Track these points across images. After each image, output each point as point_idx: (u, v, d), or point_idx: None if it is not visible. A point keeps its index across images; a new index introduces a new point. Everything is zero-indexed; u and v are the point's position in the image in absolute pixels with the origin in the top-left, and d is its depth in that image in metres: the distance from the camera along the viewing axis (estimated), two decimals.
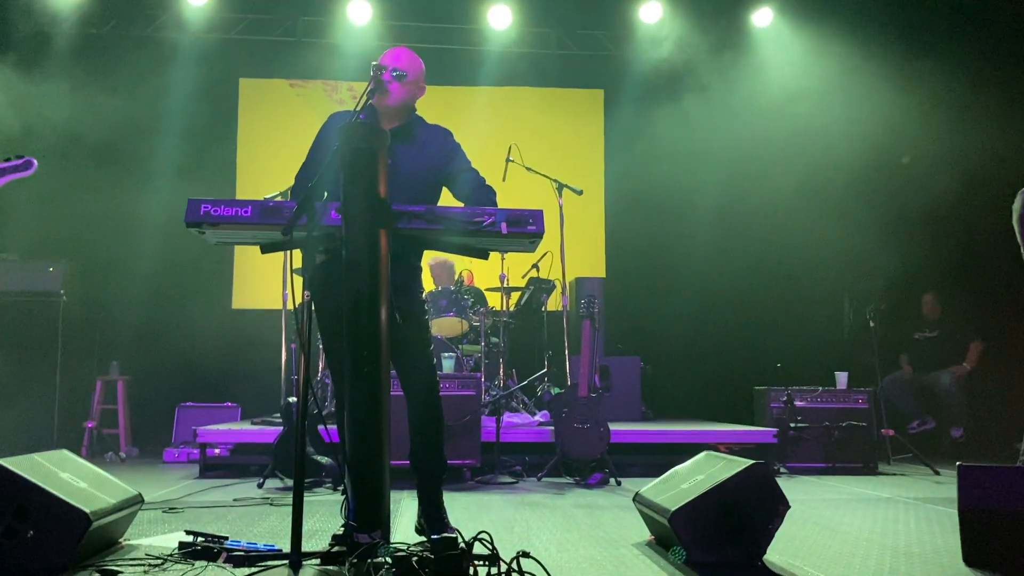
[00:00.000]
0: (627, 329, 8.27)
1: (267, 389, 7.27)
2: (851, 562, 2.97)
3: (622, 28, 8.78)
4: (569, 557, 2.99)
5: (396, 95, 3.25)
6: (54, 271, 7.01)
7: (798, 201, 7.86)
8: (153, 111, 8.08)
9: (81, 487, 2.89)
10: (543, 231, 2.85)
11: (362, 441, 2.68)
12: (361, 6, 8.26)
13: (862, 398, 6.23)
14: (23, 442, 5.26)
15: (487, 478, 5.37)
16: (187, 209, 2.76)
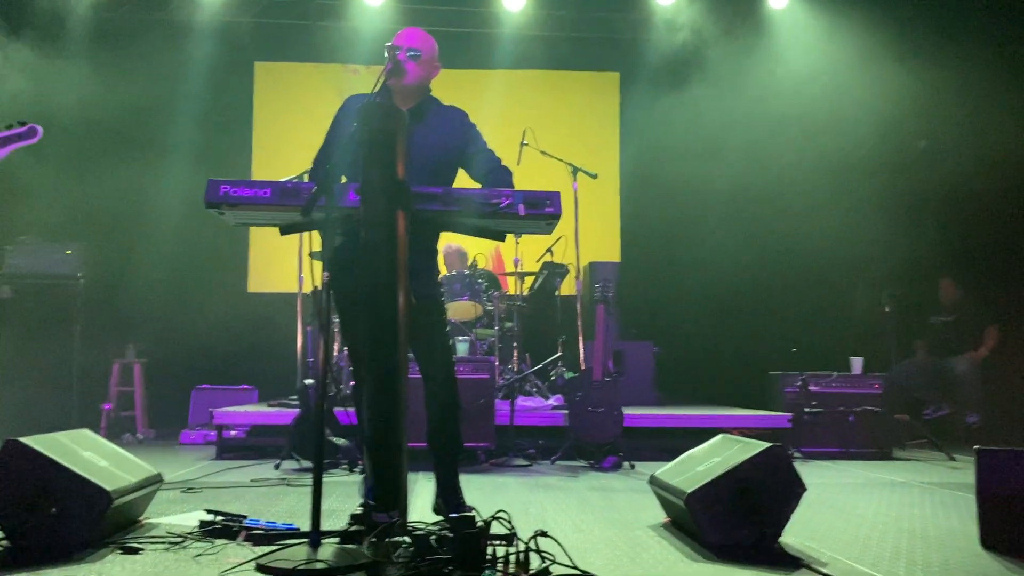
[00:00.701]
0: (641, 314, 8.26)
1: (283, 371, 7.31)
2: (867, 544, 2.97)
3: (638, 11, 8.72)
4: (585, 538, 3.00)
5: (412, 75, 3.25)
6: (71, 254, 7.05)
7: (814, 185, 7.81)
8: (169, 94, 8.11)
9: (102, 466, 2.92)
10: (560, 213, 2.86)
11: (380, 422, 2.70)
12: None
13: (877, 383, 6.21)
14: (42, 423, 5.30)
15: (501, 460, 5.40)
16: (207, 190, 2.78)
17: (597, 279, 5.96)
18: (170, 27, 8.29)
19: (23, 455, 2.67)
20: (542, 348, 7.37)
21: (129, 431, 6.99)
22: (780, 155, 8.13)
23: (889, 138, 7.65)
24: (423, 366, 3.26)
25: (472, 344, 6.62)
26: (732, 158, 8.29)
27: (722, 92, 8.24)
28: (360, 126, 2.73)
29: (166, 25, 8.31)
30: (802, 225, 8.00)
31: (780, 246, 8.22)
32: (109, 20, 8.16)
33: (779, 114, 8.16)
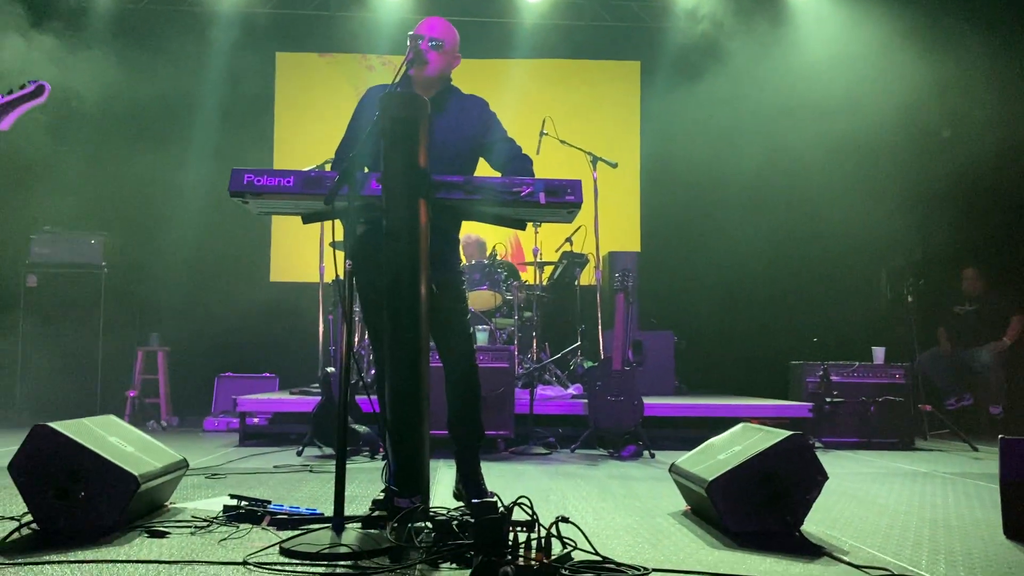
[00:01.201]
0: (661, 303, 8.24)
1: (304, 360, 7.38)
2: (889, 533, 2.96)
3: None
4: (605, 525, 3.01)
5: (434, 64, 3.25)
6: (96, 243, 7.14)
7: (836, 174, 7.75)
8: (191, 85, 8.17)
9: (129, 451, 2.96)
10: (582, 201, 2.86)
11: (402, 408, 2.72)
12: None
13: (899, 373, 6.17)
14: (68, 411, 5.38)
15: (521, 449, 5.42)
16: (231, 178, 2.80)
17: (617, 268, 5.95)
18: (192, 18, 8.35)
19: (52, 440, 2.71)
20: (561, 337, 7.38)
21: (153, 418, 7.08)
22: (802, 144, 8.05)
23: (912, 126, 7.58)
24: (444, 354, 3.28)
25: (491, 333, 6.64)
26: (753, 147, 8.24)
27: (743, 80, 8.18)
28: (382, 115, 2.75)
29: (188, 16, 8.36)
30: (824, 214, 7.95)
31: (802, 235, 8.17)
32: (132, 12, 8.23)
33: (801, 102, 8.09)
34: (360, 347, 6.41)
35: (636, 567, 2.27)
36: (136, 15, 8.24)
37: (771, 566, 2.42)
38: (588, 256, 7.02)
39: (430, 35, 3.25)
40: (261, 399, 5.99)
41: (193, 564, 2.32)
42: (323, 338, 6.60)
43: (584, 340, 6.98)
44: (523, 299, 6.91)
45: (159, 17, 8.31)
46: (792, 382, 6.53)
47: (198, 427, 6.88)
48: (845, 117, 7.66)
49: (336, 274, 2.81)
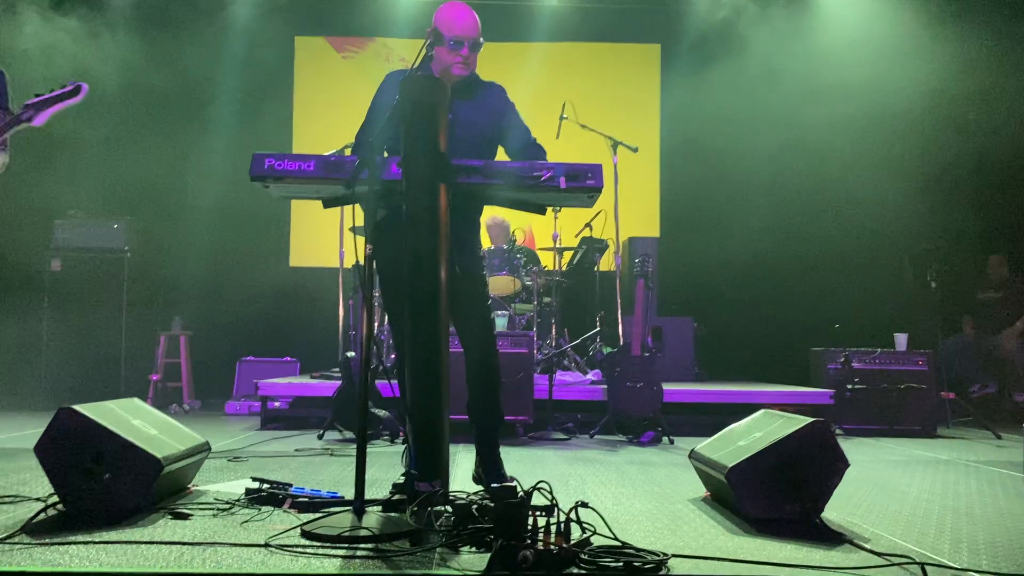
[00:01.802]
0: (681, 289, 8.20)
1: (324, 344, 7.42)
2: (911, 521, 2.94)
3: None
4: (624, 510, 3.02)
5: (473, 65, 3.26)
6: (118, 228, 7.20)
7: (859, 158, 7.67)
8: (211, 69, 8.20)
9: (152, 434, 2.99)
10: (602, 185, 2.84)
11: (422, 392, 2.73)
12: None
13: (922, 360, 6.11)
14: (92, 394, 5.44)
15: (540, 434, 5.43)
16: (252, 163, 2.81)
17: (636, 254, 5.94)
18: (212, 3, 8.35)
19: (77, 422, 2.74)
20: (580, 323, 7.38)
21: (176, 402, 7.15)
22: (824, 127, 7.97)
23: (936, 109, 7.48)
24: (464, 338, 3.29)
25: (511, 319, 6.65)
26: (775, 131, 8.15)
27: (765, 63, 8.09)
28: (402, 99, 2.74)
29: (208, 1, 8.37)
30: (846, 198, 7.88)
31: (823, 220, 8.10)
32: None
33: (823, 85, 8.00)
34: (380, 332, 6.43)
35: (655, 552, 2.27)
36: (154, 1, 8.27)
37: (791, 553, 2.41)
38: (608, 241, 6.99)
39: (470, 37, 3.20)
40: (282, 383, 6.03)
41: (216, 546, 2.35)
42: (343, 323, 6.63)
43: (603, 326, 6.97)
44: (542, 285, 6.90)
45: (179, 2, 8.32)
46: (813, 368, 6.49)
47: (220, 411, 6.94)
48: (868, 100, 7.58)
49: (356, 259, 2.82)
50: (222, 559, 2.21)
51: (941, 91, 7.33)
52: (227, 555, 2.25)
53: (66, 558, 2.19)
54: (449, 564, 2.19)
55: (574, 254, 7.36)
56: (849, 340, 6.42)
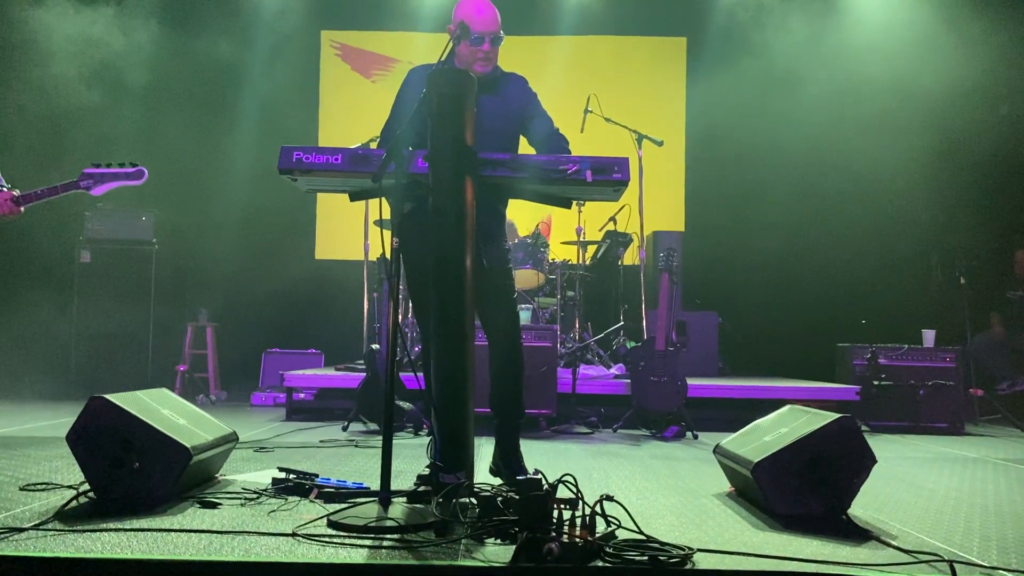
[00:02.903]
0: (706, 284, 8.16)
1: (349, 336, 7.46)
2: (939, 519, 2.92)
3: None
4: (649, 504, 3.01)
5: (495, 60, 3.27)
6: (147, 220, 7.28)
7: (886, 152, 7.59)
8: (238, 64, 8.26)
9: (181, 423, 3.03)
10: (628, 179, 2.84)
11: (447, 384, 2.74)
12: None
13: (950, 356, 6.05)
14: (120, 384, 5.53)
15: (563, 428, 5.43)
16: (280, 156, 2.83)
17: (661, 248, 5.91)
18: None
19: (108, 411, 2.78)
20: (604, 317, 7.37)
21: (203, 392, 7.23)
22: (852, 122, 7.90)
23: (968, 104, 7.37)
24: (489, 329, 3.29)
25: (534, 312, 6.65)
26: (801, 125, 8.09)
27: (791, 58, 8.03)
28: (429, 91, 2.75)
29: None
30: (873, 193, 7.80)
31: (850, 215, 8.02)
32: None
33: (850, 80, 7.93)
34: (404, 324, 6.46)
35: (680, 547, 2.26)
36: None
37: (817, 549, 2.40)
38: (632, 235, 6.97)
39: (491, 32, 3.21)
40: (307, 375, 6.08)
41: (244, 534, 2.37)
42: (367, 315, 6.66)
43: (627, 320, 6.96)
44: (566, 278, 6.89)
45: None
46: (839, 364, 6.44)
47: (246, 401, 7.01)
48: (898, 95, 7.50)
49: (382, 252, 2.83)
50: (251, 547, 2.24)
51: (971, 85, 7.23)
52: (255, 543, 2.28)
53: (97, 545, 2.22)
54: (474, 555, 2.20)
55: (598, 248, 7.35)
56: (876, 336, 6.36)
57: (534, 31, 8.55)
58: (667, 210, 8.61)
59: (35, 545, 2.21)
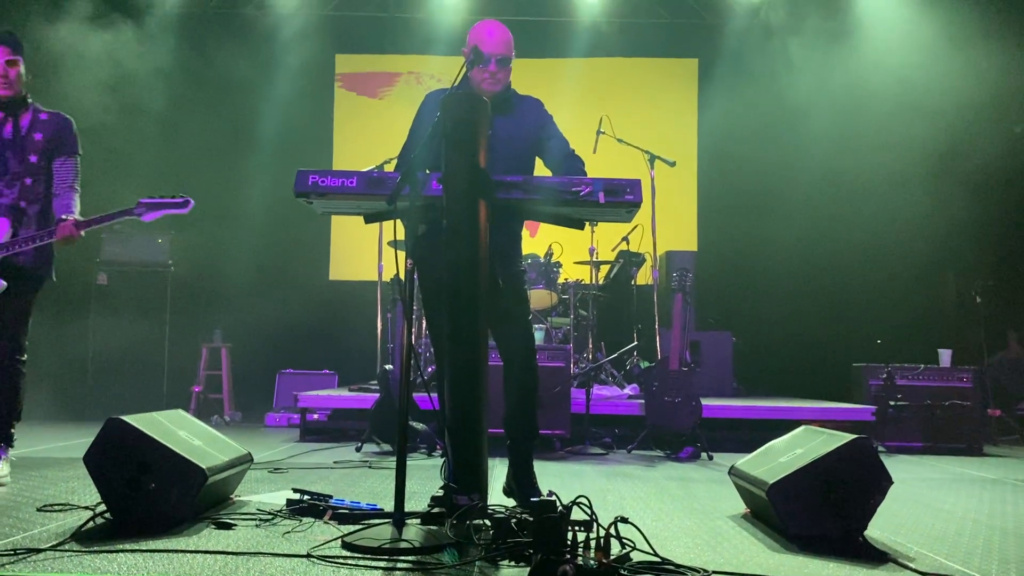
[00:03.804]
0: (719, 304, 8.15)
1: (362, 357, 7.48)
2: (957, 541, 2.89)
3: None
4: (664, 526, 3.00)
5: (503, 81, 3.30)
6: (163, 242, 7.35)
7: (899, 171, 7.58)
8: (253, 87, 8.36)
9: (196, 444, 3.05)
10: (641, 200, 2.85)
11: (461, 405, 2.75)
12: None
13: (967, 376, 6.00)
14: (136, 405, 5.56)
15: (577, 449, 5.41)
16: (296, 180, 2.86)
17: (674, 268, 5.91)
18: (254, 22, 8.53)
19: (125, 433, 2.80)
20: (617, 337, 7.35)
21: (217, 413, 7.25)
22: (864, 141, 7.90)
23: (982, 122, 7.36)
24: (504, 350, 3.30)
25: (547, 332, 6.65)
26: (812, 145, 8.10)
27: (803, 77, 8.05)
28: (443, 116, 2.78)
29: (251, 20, 8.54)
30: (887, 212, 7.77)
31: (864, 234, 8.00)
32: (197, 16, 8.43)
33: (863, 98, 7.94)
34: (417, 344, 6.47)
35: (696, 569, 2.25)
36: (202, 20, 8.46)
37: (834, 571, 2.38)
38: (645, 255, 6.98)
39: (498, 53, 3.25)
40: (321, 395, 6.09)
41: (259, 556, 2.38)
42: (381, 336, 6.68)
43: (641, 340, 6.94)
44: (579, 298, 6.90)
45: (223, 21, 8.52)
46: (854, 385, 6.40)
47: (260, 422, 7.03)
48: (910, 113, 7.48)
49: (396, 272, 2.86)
50: (265, 568, 2.25)
51: (985, 103, 7.22)
52: (270, 565, 2.28)
53: (114, 565, 2.24)
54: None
55: (611, 268, 7.35)
56: (891, 356, 6.32)
57: (547, 54, 8.61)
58: (680, 230, 8.62)
59: (52, 566, 2.23)
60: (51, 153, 3.80)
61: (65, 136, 3.84)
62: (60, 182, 3.82)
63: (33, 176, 3.75)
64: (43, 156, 3.78)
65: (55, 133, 3.81)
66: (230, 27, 8.46)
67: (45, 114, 3.84)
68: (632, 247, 7.17)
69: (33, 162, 3.74)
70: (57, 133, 3.81)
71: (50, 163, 3.81)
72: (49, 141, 3.79)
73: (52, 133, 3.80)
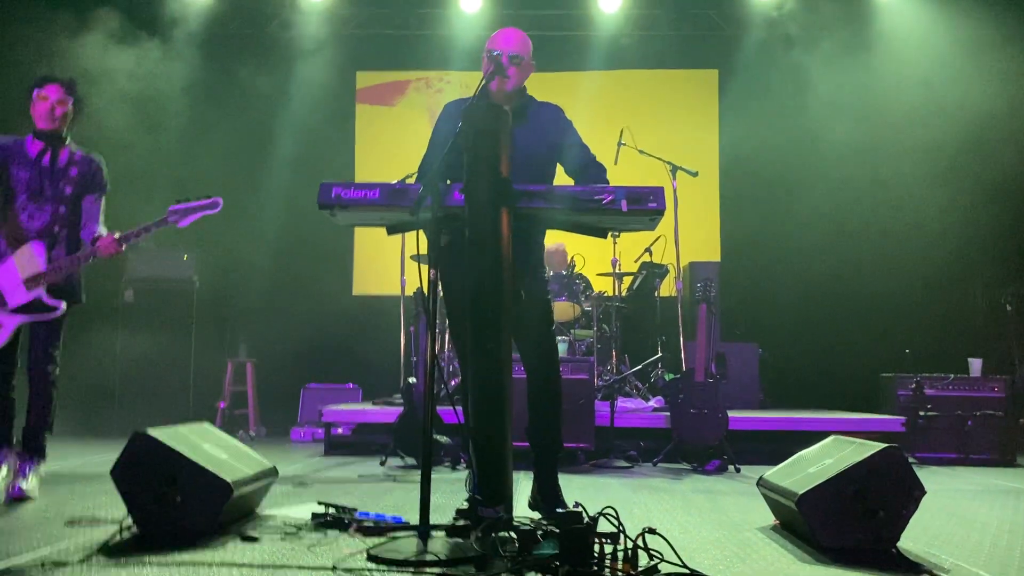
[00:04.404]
0: (744, 315, 8.07)
1: (386, 371, 7.48)
2: (992, 552, 2.83)
3: (736, 6, 8.56)
4: (692, 538, 2.96)
5: (514, 79, 3.29)
6: (188, 259, 7.42)
7: (925, 179, 7.49)
8: (275, 105, 8.43)
9: (222, 458, 3.05)
10: (664, 208, 2.83)
11: (485, 416, 2.74)
12: None
13: (998, 386, 5.90)
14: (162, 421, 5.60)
15: (602, 462, 5.38)
16: (319, 192, 2.88)
17: (697, 279, 5.86)
18: (276, 41, 8.61)
19: (151, 446, 2.81)
20: (641, 349, 7.30)
21: (242, 428, 7.28)
22: (888, 148, 7.83)
23: (1008, 127, 7.27)
24: (527, 361, 3.28)
25: (571, 345, 6.62)
26: (836, 152, 8.03)
27: (824, 86, 7.99)
28: (464, 126, 2.78)
29: (272, 39, 8.63)
30: (914, 220, 7.68)
31: (890, 242, 7.90)
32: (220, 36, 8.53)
33: (885, 106, 7.87)
34: (440, 357, 6.47)
35: None
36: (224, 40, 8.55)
37: None
38: (668, 266, 6.94)
39: (508, 50, 3.28)
40: (345, 409, 6.10)
41: (284, 568, 2.38)
42: (404, 349, 6.69)
43: (665, 351, 6.89)
44: (602, 310, 6.87)
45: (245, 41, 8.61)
46: (883, 395, 6.31)
47: (285, 437, 7.05)
48: (935, 120, 7.41)
49: (419, 285, 2.86)
50: None
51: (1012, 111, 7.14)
52: None
53: None
54: None
55: (634, 279, 7.31)
56: (920, 366, 6.23)
57: (568, 67, 8.62)
58: (703, 240, 8.57)
59: None
60: (83, 189, 4.02)
61: (97, 176, 4.07)
62: (89, 217, 4.04)
63: (66, 205, 3.95)
64: (76, 189, 3.99)
65: (88, 172, 4.03)
66: (252, 46, 8.55)
67: (80, 153, 4.07)
68: (655, 258, 7.14)
69: (67, 193, 3.96)
70: (90, 172, 4.04)
71: (80, 198, 4.02)
72: (83, 177, 4.00)
73: (85, 171, 4.02)
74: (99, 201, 4.09)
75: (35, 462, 3.81)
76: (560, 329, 6.62)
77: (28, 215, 3.88)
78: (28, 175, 3.89)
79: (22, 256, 3.82)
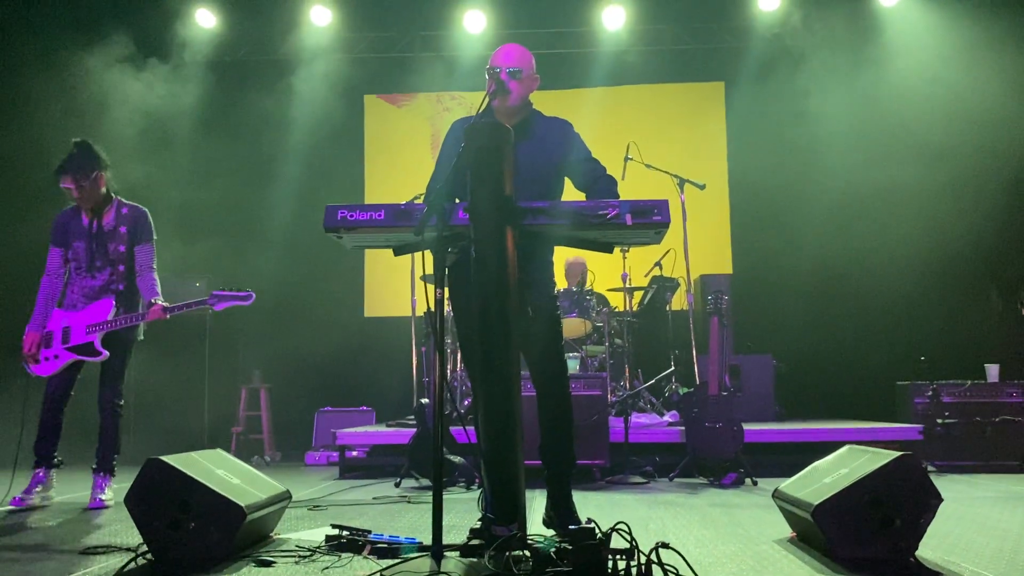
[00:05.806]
0: (757, 326, 8.02)
1: (398, 392, 7.49)
2: (1014, 560, 2.79)
3: (740, 18, 8.59)
4: (708, 552, 2.94)
5: (515, 93, 3.30)
6: (200, 286, 7.46)
7: (935, 186, 7.46)
8: (285, 129, 8.49)
9: (235, 483, 3.06)
10: (669, 221, 2.82)
11: (496, 434, 2.73)
12: (476, 15, 8.43)
13: (1016, 391, 5.85)
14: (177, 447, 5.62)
15: (617, 478, 5.34)
16: (325, 215, 2.89)
17: (709, 291, 5.84)
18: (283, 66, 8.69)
19: (164, 473, 2.83)
20: (654, 364, 7.27)
21: (257, 453, 7.29)
22: (897, 156, 7.80)
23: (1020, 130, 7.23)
24: (537, 377, 3.27)
25: (583, 361, 6.61)
26: (845, 161, 8.01)
27: (831, 95, 7.99)
28: (467, 145, 2.79)
29: (280, 64, 8.71)
30: (924, 226, 7.64)
31: (902, 250, 7.85)
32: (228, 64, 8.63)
33: (893, 113, 7.85)
34: (453, 377, 6.47)
35: None
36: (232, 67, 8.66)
37: None
38: (679, 280, 6.92)
39: (507, 65, 3.30)
40: (359, 432, 6.10)
41: None
42: (416, 371, 6.70)
43: (678, 365, 6.86)
44: (613, 326, 6.85)
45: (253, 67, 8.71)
46: (899, 403, 6.26)
47: (300, 461, 7.05)
48: (943, 126, 7.38)
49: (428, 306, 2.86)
50: None
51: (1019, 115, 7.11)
52: None
53: None
54: None
55: (644, 294, 7.30)
56: (937, 373, 6.17)
57: (572, 84, 8.66)
58: (713, 253, 8.55)
59: None
60: (134, 240, 4.64)
61: (143, 225, 4.68)
62: (141, 264, 4.65)
63: (121, 262, 4.62)
64: (127, 244, 4.63)
65: (135, 224, 4.64)
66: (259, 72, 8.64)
67: (127, 208, 4.66)
68: (665, 272, 7.13)
69: (121, 251, 4.62)
70: (136, 223, 4.65)
71: (131, 248, 4.64)
72: (131, 231, 4.63)
73: (132, 224, 4.64)
74: (147, 249, 4.67)
75: (108, 479, 4.53)
76: (572, 345, 6.61)
77: (92, 276, 4.59)
78: (84, 244, 4.58)
79: (96, 307, 4.55)
